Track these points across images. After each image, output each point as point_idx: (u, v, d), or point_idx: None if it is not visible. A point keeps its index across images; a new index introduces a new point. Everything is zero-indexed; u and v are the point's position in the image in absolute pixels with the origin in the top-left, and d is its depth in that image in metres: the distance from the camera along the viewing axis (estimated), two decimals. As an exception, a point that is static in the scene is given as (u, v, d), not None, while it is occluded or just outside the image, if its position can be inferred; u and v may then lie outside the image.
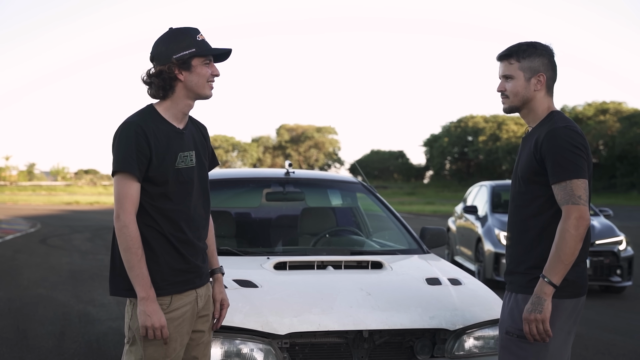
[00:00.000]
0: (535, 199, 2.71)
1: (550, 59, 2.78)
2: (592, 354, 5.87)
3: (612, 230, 9.36)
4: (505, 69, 2.79)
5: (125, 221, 2.52)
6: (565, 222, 2.56)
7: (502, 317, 2.80)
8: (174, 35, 2.64)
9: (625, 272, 8.96)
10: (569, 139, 2.61)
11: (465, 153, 70.99)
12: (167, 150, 2.61)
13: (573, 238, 2.55)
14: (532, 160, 2.69)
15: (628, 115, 54.29)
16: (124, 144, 2.55)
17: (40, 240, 15.49)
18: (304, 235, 4.71)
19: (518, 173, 2.79)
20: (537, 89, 2.75)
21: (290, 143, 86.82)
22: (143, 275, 2.52)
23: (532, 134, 2.77)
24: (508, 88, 2.78)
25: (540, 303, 2.57)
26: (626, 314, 7.87)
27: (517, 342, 2.67)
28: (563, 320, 2.68)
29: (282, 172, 4.89)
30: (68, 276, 9.97)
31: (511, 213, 2.84)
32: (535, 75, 2.74)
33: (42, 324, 6.66)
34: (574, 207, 2.56)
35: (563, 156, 2.59)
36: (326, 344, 3.20)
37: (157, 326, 2.51)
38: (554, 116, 2.74)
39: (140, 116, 2.62)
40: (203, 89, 2.66)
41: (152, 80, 2.62)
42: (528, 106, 2.78)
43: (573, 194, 2.57)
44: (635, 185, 50.08)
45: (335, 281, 3.57)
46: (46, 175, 72.75)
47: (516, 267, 2.76)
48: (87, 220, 22.99)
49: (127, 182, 2.54)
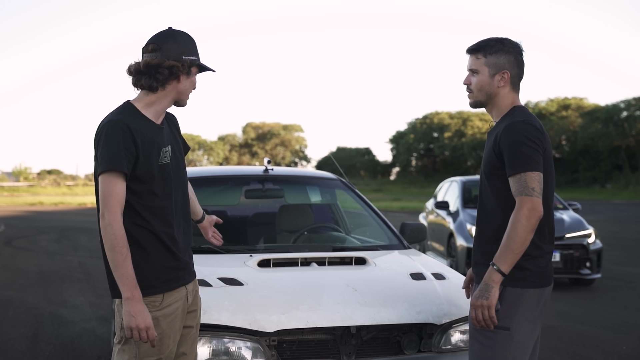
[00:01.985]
0: (497, 192, 2.75)
1: (517, 57, 2.81)
2: (567, 345, 5.96)
3: (581, 223, 9.52)
4: (472, 63, 2.84)
5: (110, 220, 2.48)
6: (518, 212, 2.60)
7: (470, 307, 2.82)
8: (184, 37, 2.67)
9: (594, 265, 9.12)
10: (525, 133, 2.65)
11: (431, 149, 71.52)
12: (152, 146, 2.60)
13: (524, 228, 2.59)
14: (492, 154, 2.74)
15: (589, 110, 55.27)
16: (111, 142, 2.51)
17: (5, 242, 15.18)
18: (282, 232, 4.70)
19: (482, 167, 2.85)
20: (501, 85, 2.79)
21: (257, 141, 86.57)
22: (128, 275, 2.48)
23: (495, 129, 2.82)
24: (473, 82, 2.83)
25: (488, 290, 2.62)
26: (597, 305, 8.00)
27: (482, 332, 2.71)
28: (528, 310, 2.70)
29: (261, 169, 4.87)
30: (37, 278, 9.79)
31: (478, 207, 2.91)
32: (499, 72, 2.78)
33: (14, 326, 6.53)
34: (526, 199, 2.60)
35: (518, 149, 2.63)
36: (314, 341, 3.20)
37: (142, 327, 2.47)
38: (515, 111, 2.79)
39: (123, 114, 2.59)
40: (187, 98, 2.72)
41: (159, 70, 2.58)
42: (492, 101, 2.83)
43: (527, 186, 2.61)
44: (597, 180, 51.03)
45: (320, 277, 3.56)
46: (8, 176, 71.35)
47: (480, 258, 2.80)
48: (53, 220, 22.59)
49: (113, 180, 2.50)
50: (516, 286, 2.68)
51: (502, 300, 2.67)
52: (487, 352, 2.71)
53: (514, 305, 2.67)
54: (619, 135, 49.81)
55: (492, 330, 2.67)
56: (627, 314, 7.51)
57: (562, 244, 9.00)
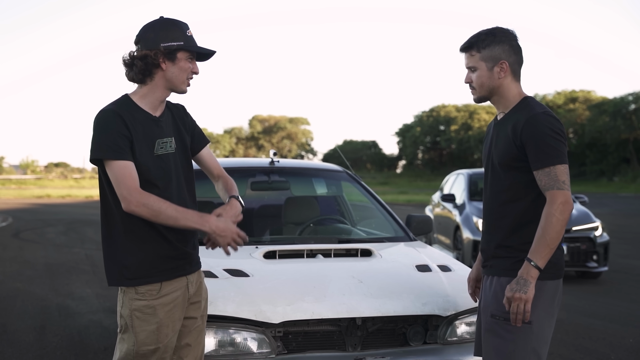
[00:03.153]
0: (514, 185, 2.72)
1: (512, 44, 2.76)
2: (573, 338, 5.95)
3: (588, 216, 9.49)
4: (468, 61, 2.80)
5: (138, 198, 2.49)
6: (552, 206, 2.58)
7: (484, 301, 2.80)
8: (165, 24, 2.65)
9: (601, 258, 9.10)
10: (550, 125, 2.62)
11: (437, 142, 71.39)
12: (145, 137, 2.61)
13: (560, 222, 2.57)
14: (512, 146, 2.69)
15: (597, 103, 55.03)
16: (105, 129, 2.54)
17: (13, 234, 15.26)
18: (288, 224, 4.70)
19: (494, 160, 2.79)
20: (502, 76, 2.74)
21: (263, 134, 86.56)
22: (191, 213, 2.56)
23: (507, 120, 2.76)
24: (473, 79, 2.79)
25: (526, 285, 2.58)
26: (603, 298, 7.99)
27: (504, 325, 2.68)
28: (547, 303, 2.69)
29: (267, 161, 4.87)
30: (44, 270, 9.83)
31: (488, 199, 2.85)
32: (497, 63, 2.73)
33: (22, 318, 6.56)
34: (559, 192, 2.59)
35: (546, 142, 2.61)
36: (319, 332, 3.20)
37: (231, 237, 2.59)
38: (530, 102, 2.75)
39: (116, 105, 2.63)
40: (181, 84, 2.67)
41: (134, 62, 2.61)
42: (497, 93, 2.78)
43: (557, 179, 2.60)
44: (605, 173, 50.87)
45: (326, 269, 3.57)
46: (15, 169, 71.59)
47: (497, 251, 2.77)
48: (60, 213, 22.67)
49: (120, 163, 2.53)
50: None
51: None
52: (508, 347, 2.67)
53: (535, 298, 2.63)
54: (626, 128, 49.60)
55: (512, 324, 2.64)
56: (634, 307, 7.49)
57: (569, 237, 8.98)
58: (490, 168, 2.83)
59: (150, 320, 2.59)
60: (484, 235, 2.88)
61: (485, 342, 2.77)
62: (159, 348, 2.60)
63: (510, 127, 2.71)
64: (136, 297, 2.59)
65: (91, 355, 5.20)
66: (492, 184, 2.82)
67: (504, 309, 2.67)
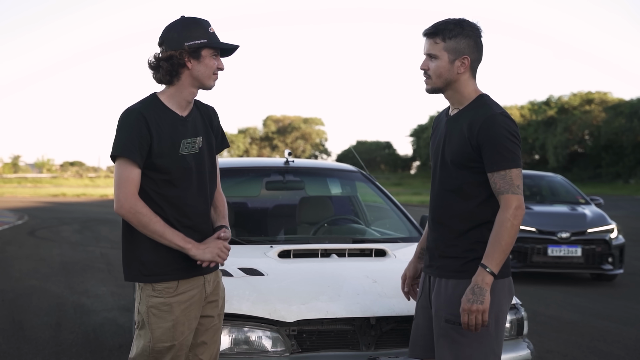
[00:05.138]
0: (466, 185, 2.66)
1: (477, 40, 2.67)
2: (588, 341, 5.93)
3: (604, 218, 9.43)
4: (430, 47, 2.68)
5: (131, 203, 2.55)
6: (506, 211, 2.54)
7: (436, 304, 2.71)
8: (188, 23, 2.67)
9: (616, 260, 9.04)
10: (507, 127, 2.57)
11: (452, 143, 71.06)
12: (170, 137, 2.64)
13: (514, 227, 2.54)
14: (467, 145, 2.62)
15: (613, 105, 54.58)
16: (125, 130, 2.59)
17: (29, 232, 15.38)
18: (303, 224, 4.71)
19: (446, 157, 2.69)
20: (461, 71, 2.66)
21: (277, 134, 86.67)
22: (175, 233, 2.59)
23: (461, 117, 2.68)
24: (431, 68, 2.68)
25: (482, 294, 2.51)
26: (618, 301, 7.94)
27: (459, 329, 2.61)
28: (503, 302, 2.65)
29: (282, 161, 4.89)
30: (60, 268, 9.91)
31: (436, 196, 2.77)
32: (459, 57, 2.65)
33: (38, 315, 6.62)
34: (514, 197, 2.54)
35: (502, 144, 2.55)
36: (333, 331, 3.21)
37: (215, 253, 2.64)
38: (487, 100, 2.67)
39: (142, 104, 2.66)
40: (208, 80, 2.70)
41: (160, 64, 2.64)
42: (452, 88, 2.68)
43: (512, 183, 2.55)
44: (621, 175, 50.47)
45: (340, 269, 3.58)
46: (31, 168, 72.19)
47: (445, 251, 2.70)
48: (75, 212, 22.83)
49: (127, 166, 2.58)
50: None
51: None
52: (466, 351, 2.61)
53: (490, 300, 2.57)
54: (643, 130, 49.20)
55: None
56: (649, 310, 7.44)
57: (584, 239, 8.94)
58: (440, 165, 2.74)
59: (166, 317, 2.62)
60: (431, 234, 2.80)
61: (440, 347, 2.68)
62: (174, 345, 2.63)
63: (466, 126, 2.63)
64: (153, 294, 2.62)
65: (106, 353, 5.24)
66: (441, 181, 2.73)
67: (458, 314, 2.60)
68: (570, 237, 8.92)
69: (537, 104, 61.47)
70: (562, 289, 8.66)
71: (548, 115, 57.82)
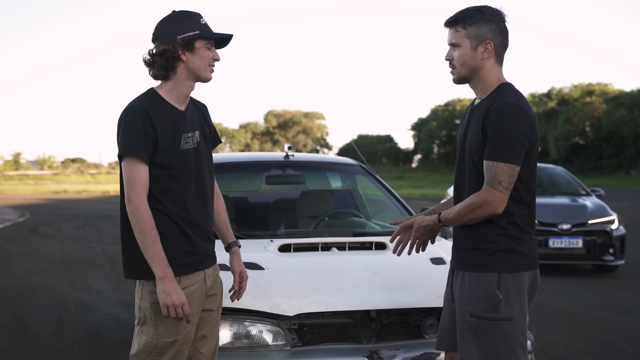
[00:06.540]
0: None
1: (500, 25, 2.62)
2: (589, 331, 5.93)
3: (605, 209, 9.43)
4: (451, 37, 2.66)
5: (137, 204, 2.54)
6: (477, 197, 2.54)
7: (459, 298, 2.68)
8: (179, 17, 2.67)
9: (617, 251, 9.04)
10: (514, 119, 2.50)
11: (453, 136, 71.02)
12: (172, 132, 2.64)
13: (475, 214, 2.55)
14: (479, 134, 2.58)
15: (614, 96, 54.50)
16: (130, 127, 2.57)
17: (31, 229, 15.39)
18: (303, 218, 4.72)
19: (466, 147, 2.67)
20: (485, 57, 2.61)
21: (278, 129, 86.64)
22: (159, 256, 2.54)
23: (481, 107, 2.63)
24: (455, 57, 2.65)
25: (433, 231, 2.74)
26: (619, 292, 7.94)
27: (484, 324, 2.59)
28: (523, 294, 2.62)
29: (282, 155, 4.89)
30: (61, 264, 9.92)
31: (459, 187, 2.74)
32: (482, 43, 2.60)
33: (39, 311, 6.63)
34: (490, 191, 2.51)
35: (502, 136, 2.49)
36: (334, 325, 3.22)
37: (177, 304, 2.53)
38: (505, 89, 2.61)
39: (143, 100, 2.64)
40: (204, 72, 2.69)
41: (154, 59, 2.64)
42: (477, 76, 2.64)
43: (494, 178, 2.51)
44: (622, 166, 50.42)
45: (340, 262, 3.58)
46: (32, 165, 72.24)
47: (468, 244, 2.67)
48: (76, 208, 22.84)
49: (136, 165, 2.56)
50: (510, 271, 2.58)
51: (500, 289, 2.56)
52: (492, 345, 2.58)
53: (511, 291, 2.57)
54: (644, 121, 49.13)
55: (493, 322, 2.56)
56: (651, 301, 7.45)
57: (585, 230, 8.94)
58: (463, 155, 2.72)
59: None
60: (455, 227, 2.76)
61: (465, 341, 2.65)
62: (177, 340, 2.63)
63: (482, 114, 2.60)
64: (155, 291, 2.61)
65: (108, 349, 5.25)
66: (464, 171, 2.71)
67: (483, 308, 2.59)
68: (571, 229, 8.93)
69: (538, 95, 61.41)
70: (563, 280, 8.67)
71: (549, 107, 57.74)
